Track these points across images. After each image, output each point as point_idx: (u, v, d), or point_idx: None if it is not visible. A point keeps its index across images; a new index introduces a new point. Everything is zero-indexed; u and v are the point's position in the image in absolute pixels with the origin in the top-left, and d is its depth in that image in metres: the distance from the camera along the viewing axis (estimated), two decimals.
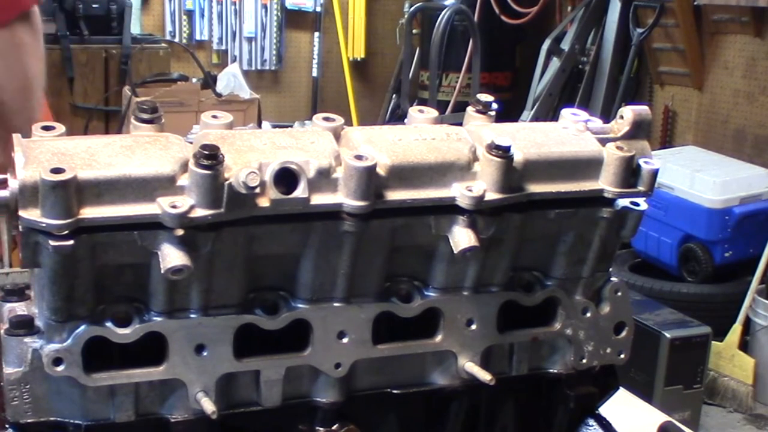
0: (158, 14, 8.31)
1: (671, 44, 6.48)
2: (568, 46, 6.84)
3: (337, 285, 1.10)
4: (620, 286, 1.27)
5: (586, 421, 1.33)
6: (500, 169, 1.09)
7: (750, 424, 4.68)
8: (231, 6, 8.52)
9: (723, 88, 6.29)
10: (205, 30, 8.47)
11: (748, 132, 6.11)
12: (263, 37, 8.67)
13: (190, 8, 8.40)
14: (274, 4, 8.63)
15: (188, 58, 7.15)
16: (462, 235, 1.09)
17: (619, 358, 1.29)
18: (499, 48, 7.57)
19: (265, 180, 1.01)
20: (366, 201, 1.04)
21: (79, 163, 0.97)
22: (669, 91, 6.74)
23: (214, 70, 7.29)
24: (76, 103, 6.46)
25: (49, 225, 0.94)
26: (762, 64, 5.97)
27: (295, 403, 1.15)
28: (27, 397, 1.04)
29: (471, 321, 1.18)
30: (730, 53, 6.20)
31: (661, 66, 6.68)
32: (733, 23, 6.07)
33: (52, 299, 1.00)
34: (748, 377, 4.77)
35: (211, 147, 0.97)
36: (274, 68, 8.81)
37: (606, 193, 1.16)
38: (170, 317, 1.05)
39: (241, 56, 8.59)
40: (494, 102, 1.20)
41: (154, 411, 1.10)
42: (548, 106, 6.83)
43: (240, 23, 8.56)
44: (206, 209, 0.98)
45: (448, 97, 7.45)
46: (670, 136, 6.79)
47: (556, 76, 6.83)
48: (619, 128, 1.21)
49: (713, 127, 6.40)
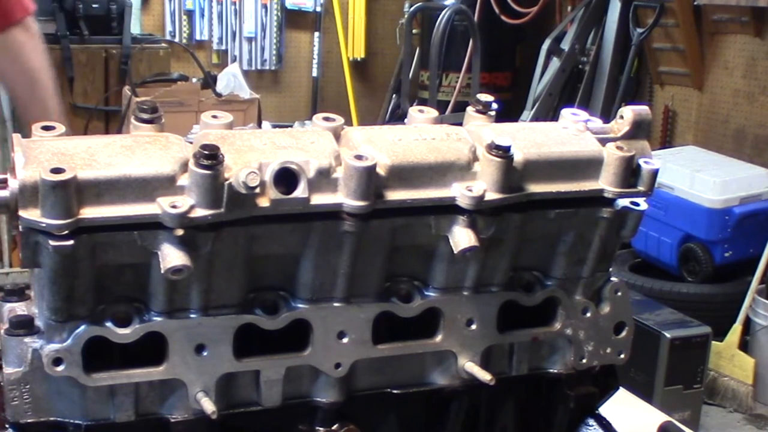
0: (158, 14, 8.31)
1: (671, 44, 6.48)
2: (568, 46, 6.83)
3: (337, 285, 1.10)
4: (620, 286, 1.27)
5: (586, 421, 1.33)
6: (500, 169, 1.09)
7: (750, 424, 4.67)
8: (231, 6, 8.52)
9: (723, 88, 6.29)
10: (205, 30, 8.47)
11: (748, 132, 6.11)
12: (263, 37, 8.67)
13: (190, 8, 8.40)
14: (274, 4, 8.63)
15: (188, 58, 7.15)
16: (462, 235, 1.09)
17: (619, 358, 1.29)
18: (499, 48, 7.56)
19: (265, 180, 1.01)
20: (366, 201, 1.04)
21: (79, 163, 0.97)
22: (669, 91, 6.74)
23: (214, 70, 7.29)
24: (76, 103, 6.46)
25: (49, 225, 0.94)
26: (762, 64, 5.97)
27: (295, 403, 1.15)
28: (27, 397, 1.04)
29: (471, 321, 1.18)
30: (730, 53, 6.20)
31: (661, 66, 6.68)
32: (733, 23, 6.07)
33: (52, 299, 1.00)
34: (748, 377, 4.77)
35: (211, 147, 0.97)
36: (274, 68, 8.81)
37: (606, 193, 1.16)
38: (170, 317, 1.05)
39: (241, 56, 8.59)
40: (494, 102, 1.20)
41: (154, 411, 1.10)
42: (548, 106, 6.83)
43: (240, 23, 8.56)
44: (206, 209, 0.98)
45: (448, 97, 7.45)
46: (670, 136, 6.78)
47: (556, 76, 6.83)
48: (619, 128, 1.21)
49: (713, 127, 6.39)
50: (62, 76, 6.40)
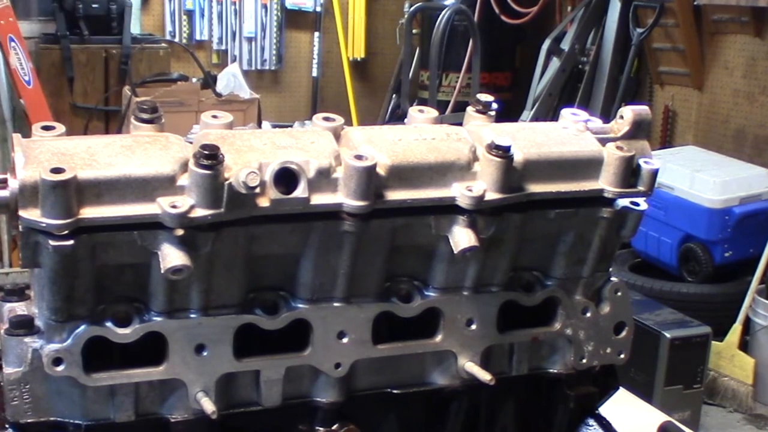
0: (158, 14, 8.31)
1: (671, 44, 6.48)
2: (568, 46, 6.83)
3: (337, 285, 1.10)
4: (620, 286, 1.27)
5: (586, 421, 1.33)
6: (500, 169, 1.09)
7: (750, 424, 4.67)
8: (231, 6, 8.52)
9: (723, 88, 6.29)
10: (205, 30, 8.47)
11: (748, 132, 6.11)
12: (263, 37, 8.67)
13: (190, 8, 8.39)
14: (274, 4, 8.63)
15: (188, 58, 7.15)
16: (462, 235, 1.09)
17: (619, 358, 1.29)
18: (499, 48, 7.56)
19: (265, 180, 1.01)
20: (366, 201, 1.04)
21: (79, 163, 0.97)
22: (669, 91, 6.74)
23: (214, 70, 7.29)
24: (76, 103, 6.46)
25: (49, 225, 0.94)
26: (762, 64, 5.97)
27: (295, 403, 1.15)
28: (27, 397, 1.04)
29: (471, 321, 1.18)
30: (730, 53, 6.20)
31: (661, 66, 6.68)
32: (733, 23, 6.07)
33: (52, 299, 1.00)
34: (748, 377, 4.77)
35: (211, 147, 0.97)
36: (274, 68, 8.81)
37: (606, 193, 1.16)
38: (170, 317, 1.05)
39: (241, 56, 8.58)
40: (494, 102, 1.20)
41: (154, 411, 1.10)
42: (548, 106, 6.82)
43: (240, 23, 8.56)
44: (206, 209, 0.98)
45: (448, 97, 7.44)
46: (670, 136, 6.78)
47: (556, 76, 6.82)
48: (619, 128, 1.21)
49: (713, 127, 6.39)
50: (62, 76, 6.41)
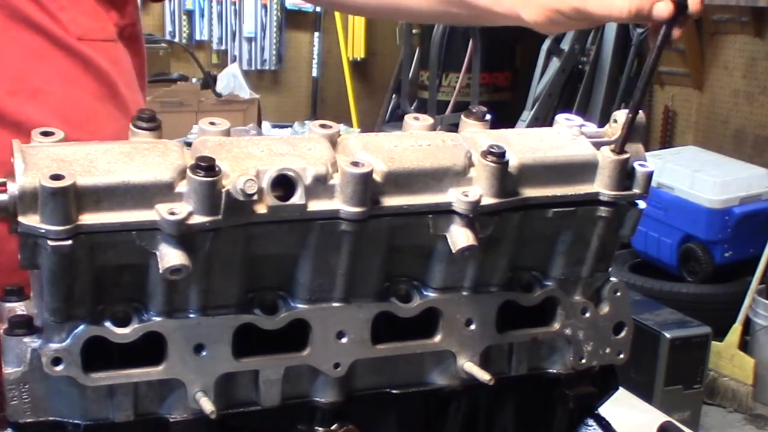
0: (158, 14, 8.31)
1: (671, 44, 6.49)
2: (568, 46, 6.83)
3: (335, 285, 1.10)
4: (619, 286, 1.27)
5: (585, 421, 1.33)
6: (496, 174, 1.09)
7: (750, 424, 4.68)
8: (231, 6, 8.53)
9: (723, 88, 6.30)
10: (205, 30, 8.48)
11: (748, 132, 6.11)
12: (263, 37, 8.68)
13: (190, 8, 8.41)
14: (274, 4, 8.64)
15: (188, 58, 7.16)
16: (460, 234, 1.09)
17: (618, 358, 1.29)
18: (499, 48, 7.56)
19: (262, 187, 1.01)
20: (362, 207, 1.04)
21: (79, 169, 0.97)
22: (669, 91, 6.75)
23: (214, 70, 7.30)
24: None
25: (49, 231, 0.94)
26: (762, 64, 5.98)
27: (294, 403, 1.15)
28: (26, 397, 1.05)
29: (470, 321, 1.18)
30: (730, 53, 6.21)
31: (661, 66, 6.68)
32: (733, 23, 6.08)
33: (50, 300, 1.00)
34: (748, 377, 4.78)
35: (206, 159, 0.97)
36: (274, 68, 8.82)
37: (601, 196, 1.16)
38: (169, 317, 1.05)
39: (241, 56, 8.60)
40: (487, 113, 1.20)
41: (153, 411, 1.10)
42: (548, 106, 6.83)
43: (240, 23, 8.57)
44: (204, 216, 0.98)
45: (448, 97, 7.45)
46: (670, 136, 6.79)
47: (556, 77, 6.83)
48: (613, 132, 1.21)
49: (713, 127, 6.40)
50: None
